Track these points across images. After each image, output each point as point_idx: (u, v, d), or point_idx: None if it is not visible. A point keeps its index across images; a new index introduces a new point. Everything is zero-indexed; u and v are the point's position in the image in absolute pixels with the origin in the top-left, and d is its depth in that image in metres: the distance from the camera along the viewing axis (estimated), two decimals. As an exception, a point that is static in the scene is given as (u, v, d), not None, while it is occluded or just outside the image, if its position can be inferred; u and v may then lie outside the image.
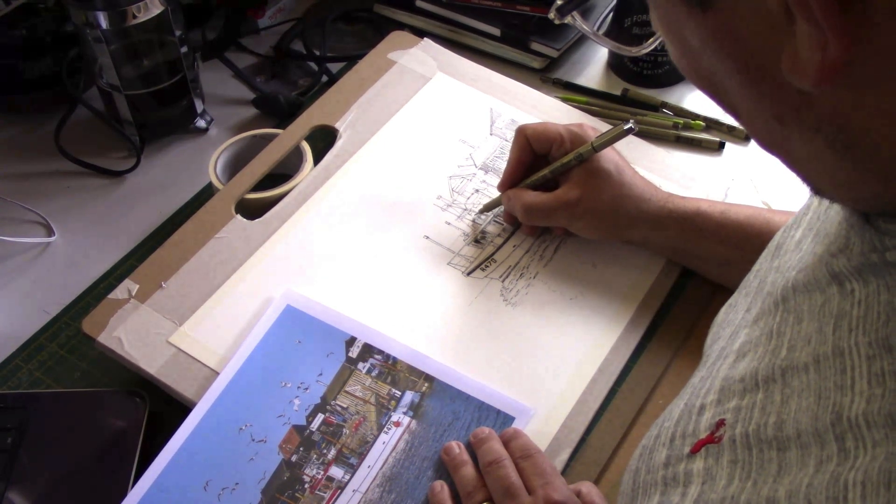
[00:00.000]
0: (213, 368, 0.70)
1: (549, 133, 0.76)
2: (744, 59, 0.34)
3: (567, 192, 0.75)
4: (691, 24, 0.35)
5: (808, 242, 0.46)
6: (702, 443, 0.44)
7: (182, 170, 0.93)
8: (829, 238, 0.42)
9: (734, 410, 0.43)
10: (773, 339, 0.44)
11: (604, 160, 0.74)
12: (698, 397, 0.47)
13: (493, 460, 0.63)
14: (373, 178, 0.84)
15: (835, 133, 0.34)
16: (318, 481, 0.65)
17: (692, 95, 0.98)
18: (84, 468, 0.67)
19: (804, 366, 0.40)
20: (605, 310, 0.75)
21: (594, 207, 0.75)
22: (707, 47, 0.35)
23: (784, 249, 0.50)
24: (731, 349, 0.48)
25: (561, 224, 0.77)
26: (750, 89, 0.35)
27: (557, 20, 0.74)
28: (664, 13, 0.36)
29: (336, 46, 1.07)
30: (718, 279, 0.76)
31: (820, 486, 0.35)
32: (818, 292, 0.41)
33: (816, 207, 0.49)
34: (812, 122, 0.34)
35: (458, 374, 0.70)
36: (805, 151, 0.36)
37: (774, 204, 0.83)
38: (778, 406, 0.40)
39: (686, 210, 0.74)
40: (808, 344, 0.40)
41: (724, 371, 0.47)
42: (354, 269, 0.77)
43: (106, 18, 0.84)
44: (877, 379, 0.35)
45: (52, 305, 0.81)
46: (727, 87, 0.37)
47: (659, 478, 0.47)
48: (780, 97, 0.34)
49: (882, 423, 0.34)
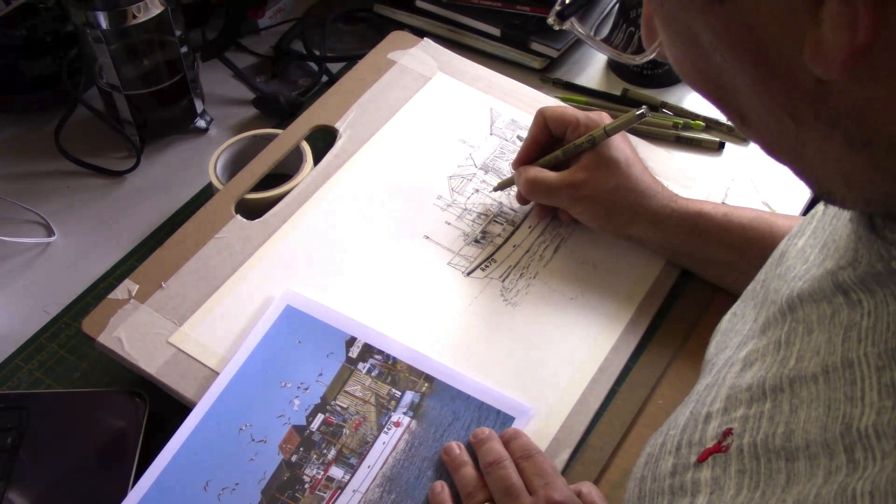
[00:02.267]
0: (213, 368, 0.70)
1: (566, 116, 0.77)
2: (759, 52, 0.33)
3: (573, 174, 0.76)
4: (706, 17, 0.34)
5: (816, 253, 0.46)
6: (709, 452, 0.44)
7: (182, 170, 0.93)
8: (839, 252, 0.42)
9: (741, 420, 0.43)
10: (782, 349, 0.43)
11: (615, 150, 0.75)
12: (704, 405, 0.47)
13: (494, 460, 0.63)
14: (373, 179, 0.84)
15: (853, 127, 0.33)
16: (318, 481, 0.65)
17: (692, 95, 0.98)
18: (84, 468, 0.67)
19: (813, 376, 0.40)
20: (605, 310, 0.75)
21: (596, 194, 0.75)
22: (721, 42, 0.35)
23: (787, 258, 0.50)
24: (737, 357, 0.48)
25: (562, 205, 0.78)
26: (763, 86, 0.35)
27: (557, 26, 0.74)
28: (675, 10, 0.36)
29: (336, 46, 1.07)
30: (719, 282, 0.76)
31: (828, 497, 0.35)
32: (825, 303, 0.41)
33: (821, 217, 0.49)
34: (829, 117, 0.34)
35: (458, 374, 0.70)
36: (819, 151, 0.36)
37: (774, 204, 0.83)
38: (786, 416, 0.40)
39: (689, 211, 0.74)
40: (817, 354, 0.40)
41: (731, 379, 0.46)
42: (354, 268, 0.77)
43: (106, 18, 0.84)
44: (887, 390, 0.35)
45: (52, 305, 0.81)
46: (736, 86, 0.36)
47: (666, 486, 0.46)
48: (796, 91, 0.34)
49: (892, 434, 0.34)
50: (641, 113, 0.74)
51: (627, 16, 0.94)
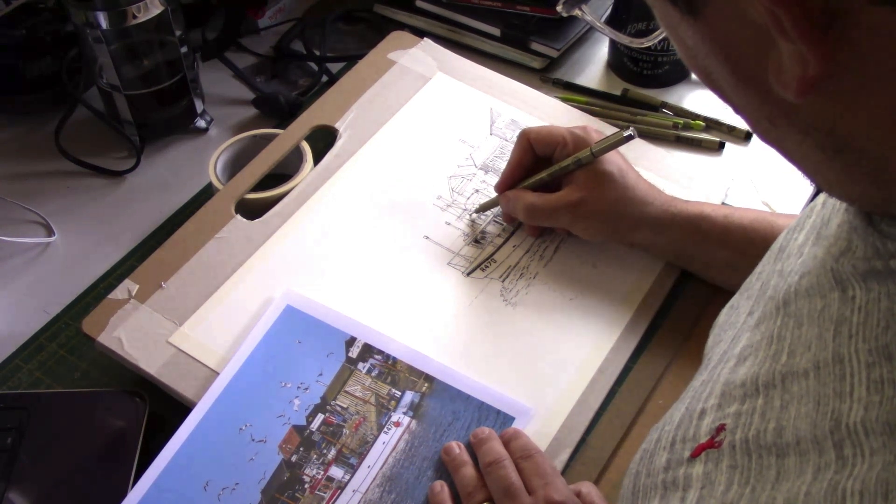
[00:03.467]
0: (213, 368, 0.70)
1: (552, 136, 0.76)
2: (734, 64, 0.35)
3: (570, 194, 0.75)
4: (684, 26, 0.35)
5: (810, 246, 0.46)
6: (702, 447, 0.44)
7: (182, 170, 0.93)
8: (829, 240, 0.42)
9: (734, 415, 0.43)
10: (774, 344, 0.43)
11: (607, 163, 0.74)
12: (699, 401, 0.47)
13: (494, 460, 0.63)
14: (373, 178, 0.84)
15: (823, 137, 0.34)
16: (318, 481, 0.65)
17: (692, 95, 0.98)
18: (84, 468, 0.67)
19: (804, 371, 0.40)
20: (605, 310, 0.75)
21: (597, 210, 0.75)
22: (699, 50, 0.36)
23: (787, 253, 0.50)
24: (732, 353, 0.48)
25: (563, 225, 0.77)
26: (741, 91, 0.36)
27: (565, 13, 0.74)
28: (661, 14, 0.37)
29: (336, 46, 1.06)
30: (721, 283, 0.76)
31: (818, 495, 0.35)
32: (819, 297, 0.41)
33: (819, 210, 0.49)
34: (801, 126, 0.35)
35: (458, 374, 0.70)
36: (798, 151, 0.37)
37: (774, 204, 0.83)
38: (777, 412, 0.40)
39: (689, 213, 0.74)
40: (809, 349, 0.40)
41: (726, 375, 0.46)
42: (354, 269, 0.77)
43: (106, 18, 0.84)
44: (875, 386, 0.35)
45: (52, 305, 0.81)
46: (722, 85, 0.37)
47: (659, 481, 0.47)
48: (770, 101, 0.34)
49: (880, 430, 0.34)
50: (629, 135, 0.73)
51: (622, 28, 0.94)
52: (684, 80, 0.99)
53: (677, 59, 0.96)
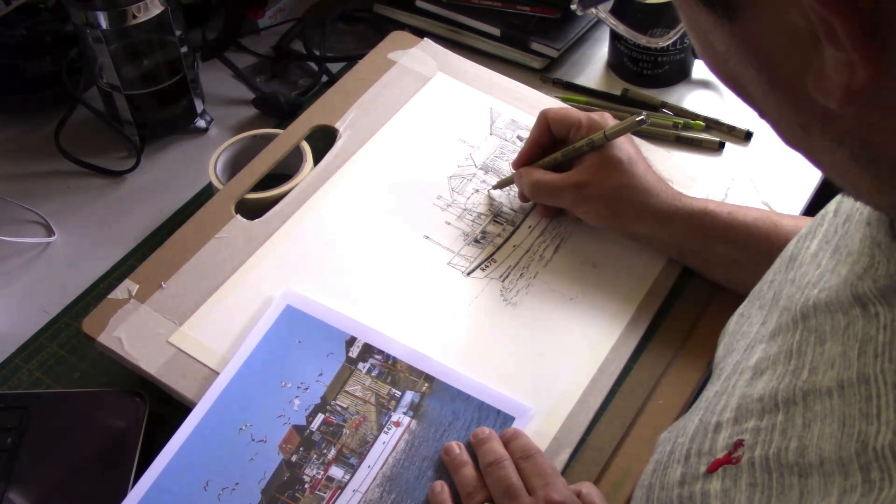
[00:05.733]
0: (213, 368, 0.70)
1: (569, 117, 0.77)
2: (770, 71, 0.34)
3: (576, 175, 0.76)
4: (718, 32, 0.34)
5: (828, 258, 0.46)
6: (719, 462, 0.43)
7: (182, 170, 0.93)
8: (853, 257, 0.42)
9: (753, 431, 0.42)
10: (794, 359, 0.43)
11: (618, 149, 0.75)
12: (714, 414, 0.47)
13: (494, 461, 0.63)
14: (373, 178, 0.84)
15: (858, 147, 0.34)
16: (318, 481, 0.65)
17: (692, 95, 0.98)
18: (84, 468, 0.67)
19: (828, 390, 0.39)
20: (605, 310, 0.75)
21: (600, 193, 0.75)
22: (732, 56, 0.35)
23: (799, 261, 0.50)
24: (747, 364, 0.47)
25: (566, 206, 0.78)
26: (775, 98, 0.35)
27: (580, 12, 0.75)
28: (690, 18, 0.36)
29: (336, 46, 1.06)
30: (723, 280, 0.76)
31: None
32: (840, 313, 0.41)
33: (832, 218, 0.49)
34: (835, 135, 0.34)
35: (458, 374, 0.70)
36: (828, 159, 0.36)
37: (774, 204, 0.83)
38: (799, 430, 0.39)
39: (693, 208, 0.74)
40: (832, 367, 0.40)
41: (741, 388, 0.46)
42: (354, 269, 0.77)
43: (106, 18, 0.84)
44: None
45: (52, 305, 0.81)
46: (751, 91, 0.36)
47: (674, 496, 0.46)
48: (805, 108, 0.34)
49: None
50: (642, 119, 0.74)
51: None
52: (684, 80, 0.99)
53: (677, 59, 0.96)
